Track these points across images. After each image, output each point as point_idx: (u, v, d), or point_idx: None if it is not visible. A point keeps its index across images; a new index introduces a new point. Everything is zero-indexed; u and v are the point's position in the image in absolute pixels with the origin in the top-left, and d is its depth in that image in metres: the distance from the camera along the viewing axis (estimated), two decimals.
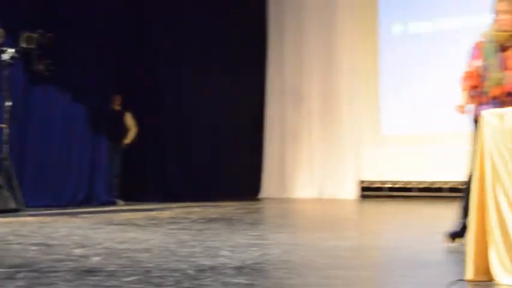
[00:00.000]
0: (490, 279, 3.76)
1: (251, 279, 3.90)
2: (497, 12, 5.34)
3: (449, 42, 11.48)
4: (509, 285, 3.64)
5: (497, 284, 3.68)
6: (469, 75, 5.32)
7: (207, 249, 5.27)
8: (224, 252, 5.05)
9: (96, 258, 4.80)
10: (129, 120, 11.64)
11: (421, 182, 11.84)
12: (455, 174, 11.23)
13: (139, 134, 11.82)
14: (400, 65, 11.68)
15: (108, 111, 11.41)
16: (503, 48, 5.28)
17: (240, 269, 4.25)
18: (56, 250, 5.26)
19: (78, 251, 5.22)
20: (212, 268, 4.29)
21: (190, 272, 4.16)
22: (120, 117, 11.56)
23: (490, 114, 3.87)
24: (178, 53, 12.69)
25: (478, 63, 5.30)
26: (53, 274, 4.07)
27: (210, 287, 3.65)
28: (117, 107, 11.57)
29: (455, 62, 11.31)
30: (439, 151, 11.52)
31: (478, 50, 5.34)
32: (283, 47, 13.52)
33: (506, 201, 3.77)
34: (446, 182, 11.46)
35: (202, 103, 12.82)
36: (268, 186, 13.49)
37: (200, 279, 3.90)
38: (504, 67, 5.25)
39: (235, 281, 3.83)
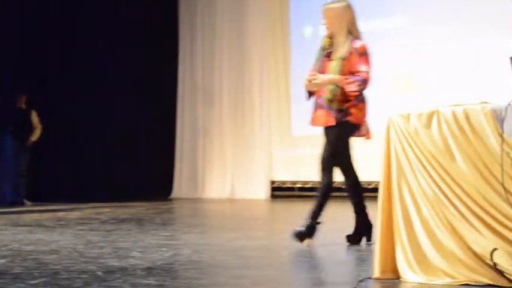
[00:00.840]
0: (396, 277, 3.87)
1: (161, 279, 3.91)
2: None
3: None
4: (414, 282, 3.76)
5: (403, 282, 3.79)
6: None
7: (117, 250, 5.24)
8: (134, 253, 5.04)
9: (1, 261, 4.72)
10: (35, 118, 11.40)
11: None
12: (365, 174, 11.53)
13: (46, 133, 11.60)
14: (310, 67, 11.81)
15: (13, 110, 11.18)
16: (327, 54, 5.51)
17: (150, 270, 4.25)
18: None
19: None
20: (122, 269, 4.28)
21: (99, 273, 4.14)
22: (25, 116, 11.31)
23: (396, 116, 3.98)
24: (87, 51, 12.53)
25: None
26: None
27: None
28: (23, 106, 11.32)
29: None
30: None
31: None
32: (195, 45, 13.50)
33: (411, 200, 3.89)
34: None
35: (111, 101, 12.70)
36: (180, 187, 13.45)
37: (109, 280, 3.88)
38: (322, 72, 5.53)
39: (145, 282, 3.83)
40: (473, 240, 3.65)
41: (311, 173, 11.99)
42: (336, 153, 5.49)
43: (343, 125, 5.44)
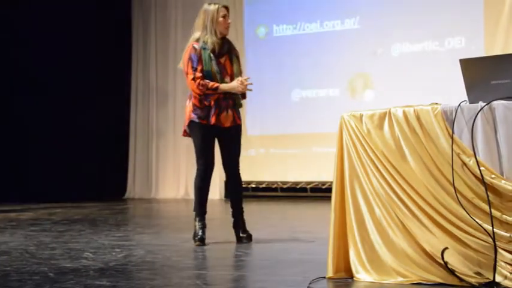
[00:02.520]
0: (349, 276, 3.89)
1: (114, 281, 3.89)
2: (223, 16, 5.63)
3: (310, 44, 11.80)
4: (367, 282, 3.79)
5: (356, 281, 3.82)
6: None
7: (69, 251, 5.20)
8: (86, 254, 5.00)
9: None
10: None
11: (285, 182, 12.10)
12: (319, 175, 11.62)
13: None
14: (265, 67, 11.90)
15: None
16: (217, 55, 5.57)
17: (103, 271, 4.22)
18: None
19: None
20: (74, 270, 4.25)
21: (51, 275, 4.10)
22: None
23: (348, 116, 4.01)
24: (39, 51, 12.39)
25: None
26: None
27: None
28: None
29: (316, 63, 11.75)
30: (304, 152, 11.82)
31: (198, 56, 5.56)
32: (148, 44, 13.43)
33: (364, 200, 3.92)
34: (310, 182, 11.79)
35: (63, 102, 12.58)
36: (134, 187, 13.37)
37: (61, 282, 3.85)
38: (224, 73, 5.54)
39: (98, 283, 3.81)
40: (425, 240, 3.70)
41: (265, 173, 12.08)
42: None
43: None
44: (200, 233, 5.57)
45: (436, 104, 3.78)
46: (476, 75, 3.71)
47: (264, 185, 12.21)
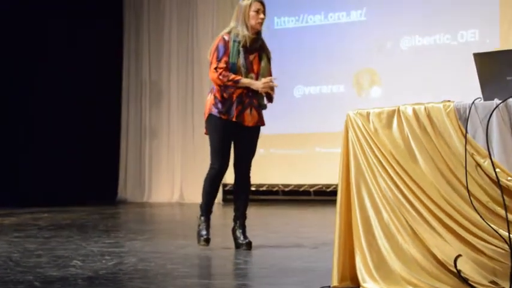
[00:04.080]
0: (356, 285, 3.90)
1: None
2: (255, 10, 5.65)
3: (313, 38, 11.82)
4: None
5: None
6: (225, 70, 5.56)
7: (56, 259, 5.20)
8: (75, 262, 5.00)
9: None
10: None
11: (287, 185, 12.12)
12: (323, 177, 11.63)
13: None
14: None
15: None
16: (246, 51, 5.58)
17: (92, 280, 4.23)
18: None
19: None
20: (61, 279, 4.25)
21: (37, 284, 4.11)
22: None
23: (354, 114, 4.02)
24: (29, 52, 12.42)
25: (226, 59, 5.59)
26: None
27: None
28: None
29: (320, 58, 11.76)
30: (307, 153, 11.84)
31: (226, 46, 5.58)
32: (140, 39, 13.44)
33: (371, 204, 3.92)
34: (313, 185, 11.81)
35: (52, 100, 12.60)
36: (125, 190, 13.38)
37: None
38: (250, 69, 5.56)
39: None
40: (436, 246, 3.70)
41: (265, 175, 12.09)
42: None
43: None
44: (205, 233, 5.60)
45: (449, 101, 3.78)
46: (491, 70, 3.71)
47: (264, 188, 12.24)
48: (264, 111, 5.79)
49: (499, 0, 10.60)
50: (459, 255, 3.62)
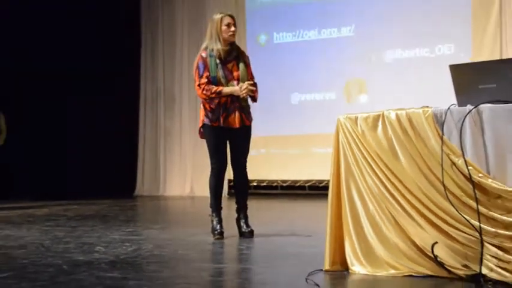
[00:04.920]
0: (345, 268, 3.90)
1: (124, 273, 3.90)
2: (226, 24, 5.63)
3: (308, 51, 11.81)
4: (361, 274, 3.80)
5: (351, 273, 3.83)
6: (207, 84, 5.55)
7: (82, 245, 5.21)
8: (98, 248, 5.01)
9: None
10: (2, 122, 11.22)
11: (285, 181, 12.10)
12: (316, 174, 11.62)
13: (14, 134, 11.46)
14: (266, 72, 11.84)
15: None
16: (223, 62, 5.56)
17: (114, 264, 4.23)
18: None
19: None
20: (87, 263, 4.25)
21: (65, 267, 4.11)
22: None
23: (344, 118, 4.02)
24: (56, 57, 12.42)
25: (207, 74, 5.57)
26: None
27: (84, 281, 3.62)
28: None
29: (314, 69, 11.74)
30: (302, 152, 11.82)
31: (204, 63, 5.59)
32: (156, 52, 13.45)
33: (359, 197, 3.93)
34: (308, 181, 11.80)
35: (77, 105, 12.62)
36: (143, 185, 13.36)
37: (75, 274, 3.86)
38: (230, 78, 5.54)
39: (109, 275, 3.82)
40: (416, 234, 3.71)
41: (266, 172, 12.08)
42: None
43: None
44: (218, 228, 5.60)
45: (427, 107, 3.79)
46: (465, 80, 3.72)
47: (265, 183, 12.22)
48: (264, 117, 5.79)
49: (472, 17, 10.58)
50: (436, 242, 3.63)
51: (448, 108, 3.67)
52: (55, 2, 12.18)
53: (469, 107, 3.59)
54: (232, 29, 5.63)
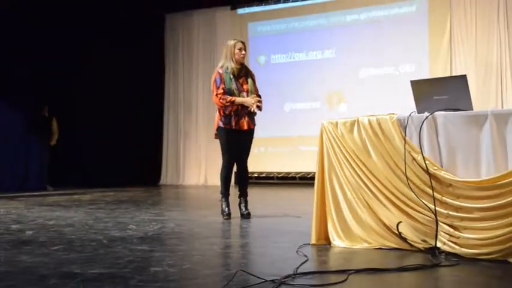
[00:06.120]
0: (327, 243, 3.91)
1: (152, 246, 3.90)
2: (238, 49, 5.61)
3: (298, 69, 11.81)
4: (341, 247, 3.80)
5: (333, 247, 3.83)
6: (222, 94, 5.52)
7: (118, 224, 5.21)
8: (131, 226, 5.01)
9: (30, 232, 4.65)
10: (54, 125, 11.23)
11: (280, 173, 12.11)
12: (305, 167, 11.62)
13: (64, 134, 11.47)
14: (264, 86, 11.78)
15: (38, 118, 11.04)
16: (236, 77, 5.56)
17: (143, 239, 4.23)
18: None
19: (15, 227, 5.04)
20: (121, 238, 4.25)
21: (105, 241, 4.11)
22: (48, 122, 11.15)
23: (327, 123, 4.02)
24: (99, 74, 12.43)
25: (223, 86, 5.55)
26: None
27: (119, 253, 3.62)
28: (46, 114, 11.16)
29: (303, 83, 11.73)
30: (294, 150, 11.83)
31: (221, 78, 5.56)
32: (177, 69, 13.45)
33: (339, 186, 3.93)
34: (298, 173, 11.80)
35: (113, 110, 12.63)
36: (166, 176, 13.37)
37: (112, 247, 3.86)
38: (241, 90, 5.53)
39: (140, 248, 3.82)
40: (384, 215, 3.71)
41: (265, 165, 12.08)
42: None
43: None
44: (227, 210, 5.60)
45: (393, 114, 3.78)
46: (423, 92, 3.71)
47: (264, 175, 12.22)
48: (263, 121, 5.78)
49: (428, 43, 10.59)
50: (400, 222, 3.63)
51: (410, 115, 3.67)
52: (105, 35, 12.22)
53: (426, 114, 3.59)
54: (243, 52, 5.64)
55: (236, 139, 5.63)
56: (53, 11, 11.55)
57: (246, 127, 5.59)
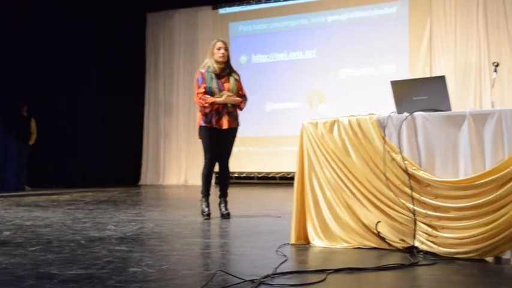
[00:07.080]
0: (307, 243, 3.92)
1: (130, 246, 3.88)
2: (217, 48, 5.62)
3: (279, 69, 11.84)
4: (320, 246, 3.82)
5: (312, 246, 3.84)
6: (202, 94, 5.54)
7: (96, 224, 5.17)
8: (110, 227, 4.98)
9: (7, 233, 4.60)
10: (33, 124, 11.12)
11: (260, 173, 12.12)
12: (285, 167, 11.65)
13: (43, 134, 11.35)
14: (246, 86, 11.79)
15: (17, 117, 10.92)
16: (218, 76, 5.58)
17: (122, 239, 4.21)
18: None
19: None
20: (100, 239, 4.22)
21: (83, 242, 4.08)
22: (26, 122, 11.03)
23: (307, 123, 4.03)
24: (78, 73, 12.32)
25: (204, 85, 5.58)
26: None
27: (98, 253, 3.60)
28: (24, 114, 11.04)
29: (283, 83, 11.76)
30: (274, 150, 11.85)
31: (202, 77, 5.58)
32: (158, 68, 13.42)
33: (318, 186, 3.94)
34: (278, 172, 11.82)
35: (92, 110, 12.53)
36: (146, 176, 13.32)
37: (91, 247, 3.83)
38: (222, 89, 5.55)
39: (118, 248, 3.80)
40: (363, 215, 3.73)
41: (245, 165, 12.09)
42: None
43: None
44: (207, 210, 5.60)
45: (373, 114, 3.81)
46: (402, 92, 3.74)
47: (244, 174, 12.23)
48: (244, 121, 5.78)
49: (408, 44, 10.68)
50: (379, 221, 3.65)
51: (389, 115, 3.69)
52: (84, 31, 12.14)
53: (406, 114, 3.62)
54: (222, 51, 5.65)
55: (217, 138, 5.63)
56: (34, 7, 11.42)
57: (226, 126, 5.59)
